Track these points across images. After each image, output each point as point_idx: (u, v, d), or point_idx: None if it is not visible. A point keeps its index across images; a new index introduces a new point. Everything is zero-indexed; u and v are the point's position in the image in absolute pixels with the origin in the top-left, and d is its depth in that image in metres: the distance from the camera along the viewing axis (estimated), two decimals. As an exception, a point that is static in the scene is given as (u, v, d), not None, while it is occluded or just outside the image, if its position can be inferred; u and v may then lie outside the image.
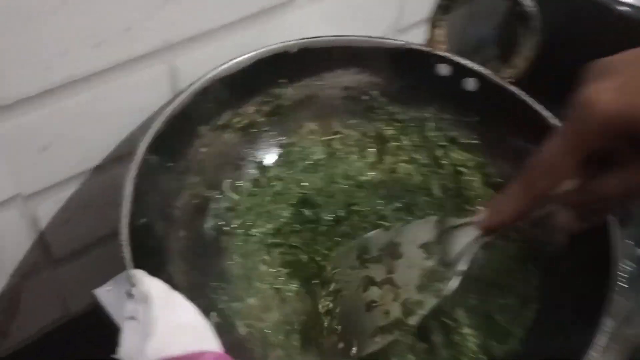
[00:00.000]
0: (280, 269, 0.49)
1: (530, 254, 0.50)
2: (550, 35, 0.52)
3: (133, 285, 0.29)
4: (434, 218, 0.44)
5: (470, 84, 0.54)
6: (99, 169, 0.51)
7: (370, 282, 0.45)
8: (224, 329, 0.44)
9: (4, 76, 0.40)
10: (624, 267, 0.58)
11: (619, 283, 0.58)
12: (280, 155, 0.55)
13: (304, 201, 0.53)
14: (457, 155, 0.56)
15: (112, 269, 0.49)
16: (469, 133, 0.56)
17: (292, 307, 0.47)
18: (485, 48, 0.77)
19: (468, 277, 0.48)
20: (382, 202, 0.54)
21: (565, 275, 0.46)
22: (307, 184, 0.54)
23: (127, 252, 0.39)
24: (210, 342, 0.28)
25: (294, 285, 0.48)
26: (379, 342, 0.43)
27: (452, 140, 0.56)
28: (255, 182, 0.54)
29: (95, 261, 0.57)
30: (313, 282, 0.48)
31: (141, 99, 0.49)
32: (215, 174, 0.52)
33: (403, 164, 0.56)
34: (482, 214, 0.39)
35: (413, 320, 0.42)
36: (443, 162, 0.56)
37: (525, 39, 0.51)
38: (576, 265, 0.46)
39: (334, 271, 0.48)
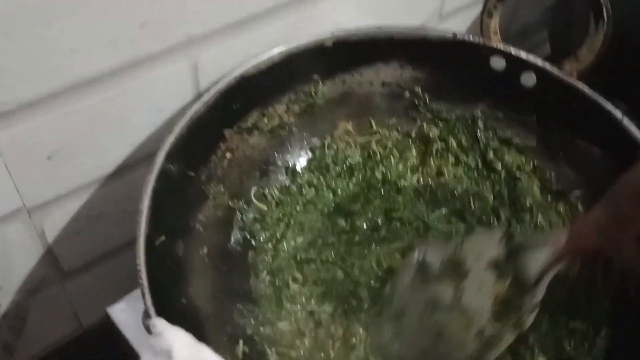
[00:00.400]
0: (313, 287, 0.44)
1: (598, 275, 0.44)
2: (619, 27, 0.46)
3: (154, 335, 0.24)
4: (498, 231, 0.39)
5: (528, 79, 0.48)
6: (112, 176, 0.46)
7: (436, 305, 0.40)
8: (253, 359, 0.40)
9: (6, 78, 0.36)
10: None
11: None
12: (312, 160, 0.50)
13: (338, 210, 0.48)
14: (512, 158, 0.50)
15: (125, 281, 0.46)
16: (525, 133, 0.50)
17: (328, 331, 0.42)
18: (534, 32, 0.70)
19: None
20: (426, 208, 0.49)
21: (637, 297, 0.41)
22: (342, 190, 0.49)
23: (144, 278, 0.35)
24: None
25: (328, 307, 0.43)
26: None
27: (506, 142, 0.50)
28: (285, 189, 0.49)
29: (107, 274, 0.53)
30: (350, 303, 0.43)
31: (160, 99, 0.44)
32: (240, 182, 0.47)
33: (450, 167, 0.50)
34: (560, 236, 0.35)
35: (492, 356, 0.37)
36: (495, 165, 0.50)
37: (594, 29, 0.45)
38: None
39: (394, 293, 0.43)
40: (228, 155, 0.46)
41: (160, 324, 0.24)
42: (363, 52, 0.49)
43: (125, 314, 0.46)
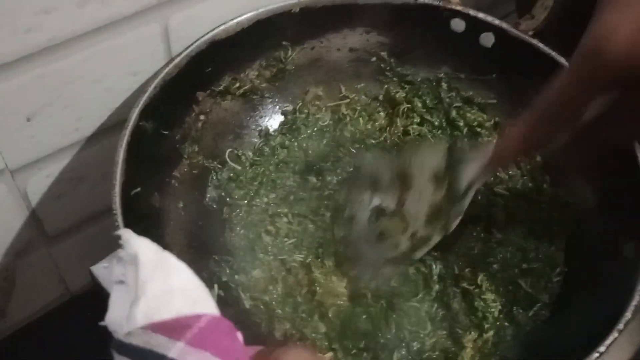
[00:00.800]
0: (285, 239, 0.46)
1: (554, 217, 0.47)
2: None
3: (121, 246, 0.26)
4: (444, 145, 0.43)
5: (487, 39, 0.51)
6: (91, 139, 0.48)
7: (381, 212, 0.44)
8: (227, 303, 0.42)
9: (-20, 40, 0.37)
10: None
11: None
12: (284, 123, 0.52)
13: (310, 168, 0.50)
14: (474, 115, 0.52)
15: (110, 246, 0.47)
16: (486, 92, 0.52)
17: (297, 278, 0.44)
18: (502, 4, 0.73)
19: (490, 242, 0.46)
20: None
21: (592, 236, 0.43)
22: (313, 150, 0.51)
23: (120, 221, 0.37)
24: (205, 304, 0.25)
25: (299, 256, 0.45)
26: (386, 274, 0.43)
27: (469, 101, 0.52)
28: (258, 150, 0.51)
29: (91, 238, 0.54)
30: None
31: (133, 62, 0.46)
32: (215, 143, 0.49)
33: (415, 127, 0.52)
34: (491, 145, 0.38)
35: (418, 255, 0.43)
36: (459, 123, 0.52)
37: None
38: (604, 226, 0.43)
39: (347, 197, 0.47)
40: (202, 117, 0.48)
41: (127, 234, 0.26)
42: (329, 18, 0.51)
43: (109, 271, 0.48)
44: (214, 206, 0.47)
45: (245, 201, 0.48)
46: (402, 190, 0.44)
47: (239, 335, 0.25)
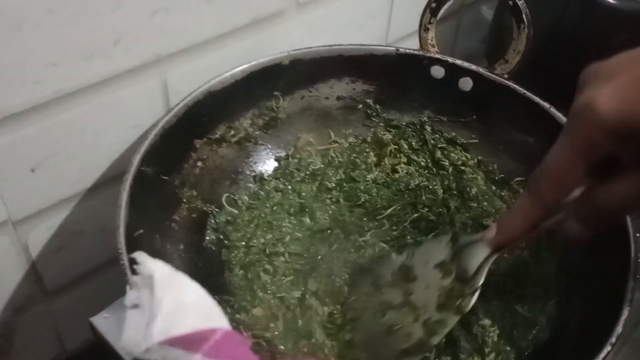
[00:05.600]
0: (283, 277, 0.47)
1: (542, 243, 0.49)
2: (540, 28, 0.53)
3: (134, 272, 0.27)
4: (446, 237, 0.43)
5: (465, 83, 0.54)
6: (92, 191, 0.50)
7: (388, 306, 0.44)
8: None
9: (-10, 90, 0.39)
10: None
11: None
12: (277, 168, 0.54)
13: (303, 209, 0.52)
14: (457, 155, 0.55)
15: (108, 300, 0.47)
16: (468, 132, 0.55)
17: (298, 315, 0.45)
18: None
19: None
20: (384, 200, 0.53)
21: (580, 256, 0.45)
22: (306, 193, 0.53)
23: (125, 260, 0.37)
24: (219, 319, 0.26)
25: (297, 293, 0.46)
26: None
27: (452, 141, 0.55)
28: (254, 195, 0.53)
29: (90, 293, 0.55)
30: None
31: (134, 114, 0.48)
32: (212, 188, 0.51)
33: (403, 166, 0.55)
34: (492, 230, 0.38)
35: (436, 340, 0.41)
36: (443, 162, 0.55)
37: (517, 33, 0.52)
38: (590, 246, 0.44)
39: (350, 299, 0.46)
40: (199, 164, 0.50)
41: (141, 256, 0.27)
42: (317, 69, 0.54)
43: (109, 321, 0.46)
44: (213, 248, 0.48)
45: (243, 242, 0.49)
46: (407, 283, 0.44)
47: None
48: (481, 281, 0.40)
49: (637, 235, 0.42)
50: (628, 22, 0.58)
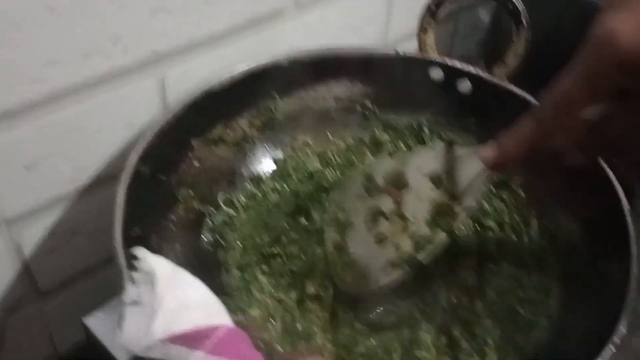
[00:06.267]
0: (280, 278, 0.47)
1: (545, 247, 0.48)
2: (537, 31, 0.53)
3: (134, 268, 0.26)
4: (440, 145, 0.43)
5: (464, 86, 0.54)
6: (87, 190, 0.49)
7: (378, 213, 0.43)
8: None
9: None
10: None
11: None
12: (275, 169, 0.54)
13: (300, 210, 0.51)
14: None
15: (100, 301, 0.47)
16: (466, 134, 0.55)
17: (296, 316, 0.44)
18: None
19: (484, 274, 0.47)
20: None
21: (582, 262, 0.45)
22: (303, 194, 0.52)
23: (121, 258, 0.37)
24: (221, 316, 0.25)
25: (294, 294, 0.46)
26: (390, 277, 0.42)
27: (450, 144, 0.55)
28: (251, 196, 0.52)
29: (83, 294, 0.54)
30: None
31: (131, 113, 0.48)
32: (209, 189, 0.50)
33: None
34: (488, 148, 0.38)
35: (423, 256, 0.41)
36: (442, 165, 0.55)
37: (516, 35, 0.52)
38: (591, 252, 0.45)
39: (341, 201, 0.46)
40: (196, 163, 0.49)
41: (142, 252, 0.26)
42: (315, 70, 0.54)
43: (103, 322, 0.46)
44: (210, 248, 0.48)
45: (240, 243, 0.48)
46: (398, 189, 0.43)
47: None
48: (472, 202, 0.39)
49: None
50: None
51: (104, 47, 0.42)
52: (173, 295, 0.25)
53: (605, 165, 0.45)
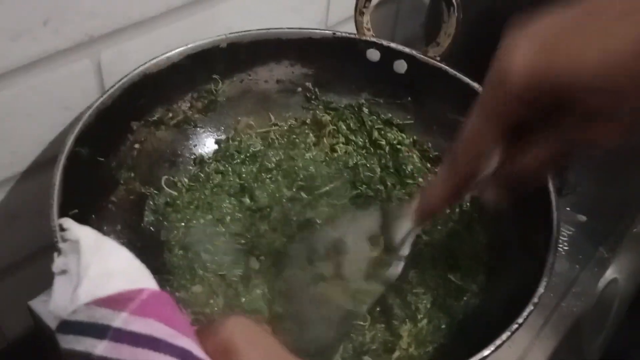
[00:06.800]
0: (224, 256, 0.47)
1: (475, 217, 0.51)
2: (473, 12, 0.55)
3: (61, 238, 0.27)
4: (377, 211, 0.45)
5: (400, 66, 0.56)
6: (26, 174, 0.49)
7: (320, 278, 0.45)
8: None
9: None
10: (565, 232, 0.60)
11: (560, 247, 0.60)
12: (217, 150, 0.55)
13: (243, 190, 0.52)
14: (394, 135, 0.57)
15: (48, 285, 0.47)
16: (403, 114, 0.57)
17: (238, 291, 0.45)
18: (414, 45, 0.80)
19: (418, 245, 0.49)
20: (324, 178, 0.54)
21: (509, 229, 0.47)
22: (246, 174, 0.53)
23: (59, 238, 0.37)
24: (145, 281, 0.26)
25: (238, 271, 0.46)
26: (338, 338, 0.43)
27: (388, 122, 0.57)
28: (194, 177, 0.53)
29: (29, 279, 0.53)
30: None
31: (67, 97, 0.48)
32: (151, 171, 0.51)
33: (342, 145, 0.56)
34: (414, 205, 0.39)
35: (364, 309, 0.43)
36: (380, 142, 0.56)
37: (447, 16, 0.53)
38: (518, 221, 0.47)
39: (285, 273, 0.47)
40: (137, 146, 0.50)
41: (67, 222, 0.27)
42: (255, 52, 0.55)
43: (48, 305, 0.47)
44: (152, 229, 0.48)
45: (183, 223, 0.49)
46: (339, 256, 0.45)
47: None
48: (406, 252, 0.41)
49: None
50: (554, 5, 0.61)
51: (33, 28, 0.42)
52: (97, 262, 0.25)
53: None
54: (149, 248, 0.47)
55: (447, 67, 0.54)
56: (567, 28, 0.30)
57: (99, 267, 0.26)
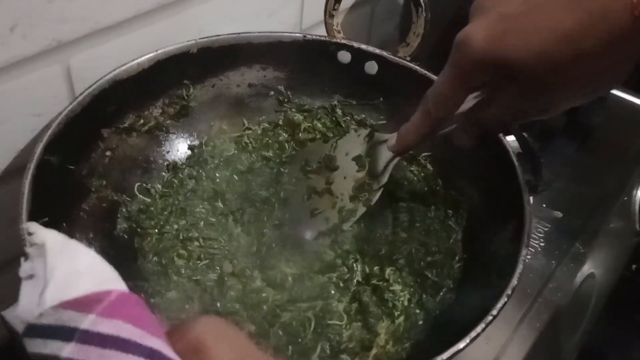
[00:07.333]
0: (198, 261, 0.47)
1: (449, 213, 0.51)
2: (441, 13, 0.56)
3: (28, 243, 0.26)
4: (364, 132, 0.50)
5: (371, 67, 0.56)
6: (-3, 183, 0.48)
7: (313, 191, 0.51)
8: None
9: None
10: (541, 228, 0.61)
11: (537, 243, 0.60)
12: (191, 156, 0.55)
13: (217, 195, 0.52)
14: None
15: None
16: (376, 114, 0.58)
17: (214, 295, 0.45)
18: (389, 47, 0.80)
19: (396, 242, 0.49)
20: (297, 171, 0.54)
21: (481, 225, 0.48)
22: (220, 179, 0.53)
23: (28, 246, 0.36)
24: (113, 282, 0.26)
25: (213, 275, 0.46)
26: (319, 243, 0.49)
27: (361, 123, 0.57)
28: (167, 183, 0.52)
29: (2, 289, 0.52)
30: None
31: (36, 103, 0.47)
32: (123, 178, 0.50)
33: (317, 140, 0.56)
34: (394, 138, 0.47)
35: (347, 226, 0.49)
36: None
37: (416, 16, 0.54)
38: (489, 216, 0.48)
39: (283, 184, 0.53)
40: (108, 153, 0.49)
41: (33, 226, 0.26)
42: (226, 57, 0.55)
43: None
44: (125, 236, 0.48)
45: (156, 230, 0.49)
46: (330, 171, 0.51)
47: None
48: (384, 180, 0.48)
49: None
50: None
51: (1, 34, 0.41)
52: (64, 264, 0.25)
53: (504, 140, 0.49)
54: (122, 255, 0.46)
55: (417, 67, 0.54)
56: (519, 14, 0.35)
57: (65, 269, 0.25)
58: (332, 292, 0.46)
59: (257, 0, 0.61)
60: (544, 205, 0.64)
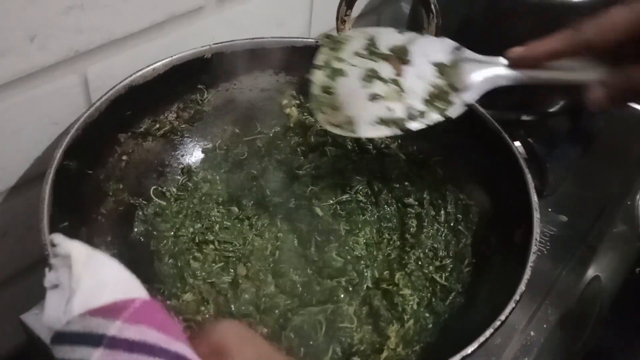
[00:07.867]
0: (213, 264, 0.48)
1: (459, 218, 0.52)
2: (451, 20, 0.56)
3: (53, 254, 0.27)
4: (451, 43, 0.46)
5: (382, 71, 0.57)
6: (15, 190, 0.49)
7: (375, 75, 0.45)
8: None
9: None
10: (547, 232, 0.61)
11: (542, 247, 0.61)
12: (205, 159, 0.56)
13: (231, 199, 0.53)
14: (381, 140, 0.58)
15: (37, 300, 0.47)
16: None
17: (228, 298, 0.46)
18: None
19: (405, 247, 0.50)
20: (311, 183, 0.55)
21: (490, 229, 0.49)
22: (234, 182, 0.54)
23: (50, 252, 0.37)
24: (137, 291, 0.27)
25: (227, 278, 0.47)
26: (377, 132, 0.44)
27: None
28: (182, 186, 0.53)
29: (21, 294, 0.54)
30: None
31: (54, 111, 0.48)
32: (139, 181, 0.51)
33: (331, 147, 0.57)
34: (502, 59, 0.42)
35: (413, 126, 0.43)
36: (367, 147, 0.57)
37: (427, 23, 0.55)
38: (498, 221, 0.49)
39: (337, 51, 0.48)
40: (124, 157, 0.50)
41: (58, 237, 0.28)
42: (240, 62, 0.55)
43: (40, 318, 0.46)
44: (142, 239, 0.49)
45: (172, 233, 0.50)
46: (401, 62, 0.46)
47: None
48: (471, 99, 0.43)
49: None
50: (531, 12, 0.62)
51: (20, 45, 0.43)
52: (89, 275, 0.26)
53: (513, 146, 0.49)
54: (139, 258, 0.47)
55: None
56: None
57: (91, 279, 0.26)
58: (342, 295, 0.47)
59: (266, 11, 0.62)
60: (550, 210, 0.64)
